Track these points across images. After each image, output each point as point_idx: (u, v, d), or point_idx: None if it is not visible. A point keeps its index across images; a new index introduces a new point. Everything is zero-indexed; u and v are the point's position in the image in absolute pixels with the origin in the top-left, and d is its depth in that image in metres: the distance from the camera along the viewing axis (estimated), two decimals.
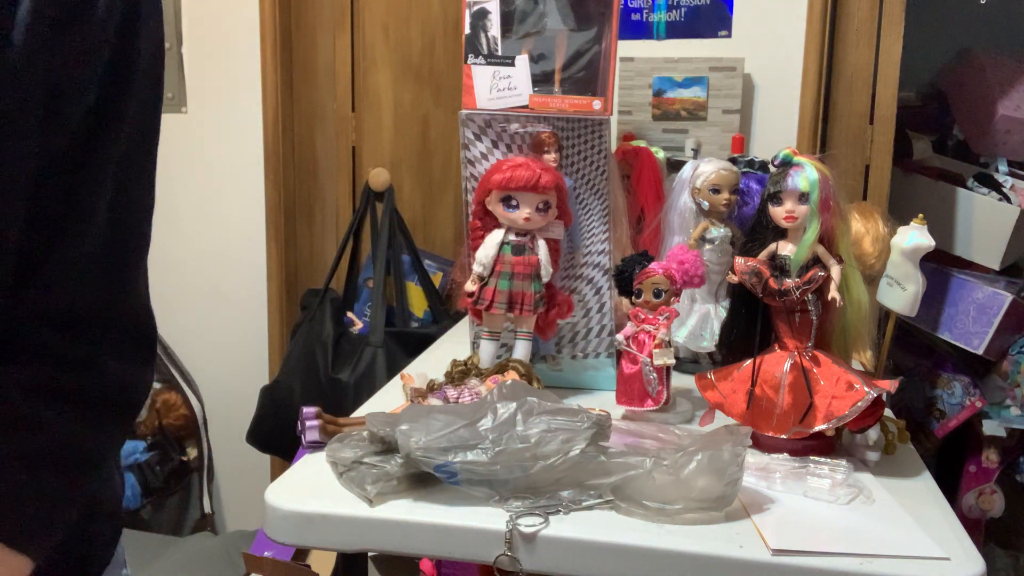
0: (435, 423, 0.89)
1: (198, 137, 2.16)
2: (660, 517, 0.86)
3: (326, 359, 1.93)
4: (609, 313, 1.29)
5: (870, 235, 1.43)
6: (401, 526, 0.87)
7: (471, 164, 1.24)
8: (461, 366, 1.19)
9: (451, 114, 2.05)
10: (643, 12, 1.82)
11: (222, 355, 2.22)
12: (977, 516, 1.93)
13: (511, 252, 1.20)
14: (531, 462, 0.86)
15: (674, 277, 1.14)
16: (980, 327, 1.74)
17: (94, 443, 0.69)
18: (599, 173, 1.25)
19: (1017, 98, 1.90)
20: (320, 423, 1.03)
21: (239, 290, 2.20)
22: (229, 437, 2.21)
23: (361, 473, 0.90)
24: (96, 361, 0.69)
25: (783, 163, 1.05)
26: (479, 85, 1.22)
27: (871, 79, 1.78)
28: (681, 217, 1.39)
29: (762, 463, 0.99)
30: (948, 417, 1.87)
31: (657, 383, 1.12)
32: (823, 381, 1.03)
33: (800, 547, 0.82)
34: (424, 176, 2.13)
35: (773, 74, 1.78)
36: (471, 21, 1.22)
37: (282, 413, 1.92)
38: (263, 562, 1.49)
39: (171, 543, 1.98)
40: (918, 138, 2.01)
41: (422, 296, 2.07)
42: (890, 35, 1.75)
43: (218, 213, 2.18)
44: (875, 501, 0.93)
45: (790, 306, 1.06)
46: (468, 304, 1.24)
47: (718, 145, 1.71)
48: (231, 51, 2.11)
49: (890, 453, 1.06)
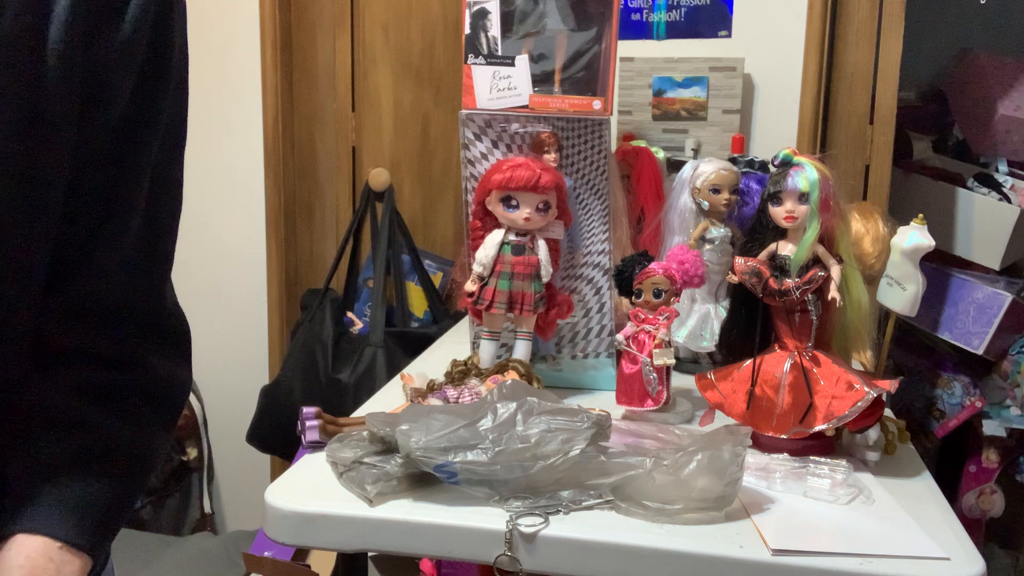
0: (435, 423, 0.89)
1: (198, 137, 2.13)
2: (660, 517, 0.86)
3: (326, 359, 1.93)
4: (609, 313, 1.29)
5: (870, 235, 1.43)
6: (401, 526, 0.87)
7: (471, 164, 1.24)
8: (461, 366, 1.19)
9: (451, 114, 2.05)
10: (643, 12, 1.82)
11: (222, 355, 2.21)
12: (977, 516, 1.93)
13: (511, 252, 1.20)
14: (531, 462, 0.86)
15: (674, 277, 1.14)
16: (980, 327, 1.74)
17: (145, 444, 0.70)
18: (599, 173, 1.25)
19: (1017, 98, 1.90)
20: (320, 423, 1.03)
21: (239, 290, 2.20)
22: (229, 437, 2.21)
23: (361, 473, 0.90)
24: (141, 360, 0.69)
25: (783, 163, 1.05)
26: (479, 85, 1.22)
27: (871, 79, 1.78)
28: (681, 217, 1.39)
29: (762, 463, 0.99)
30: (948, 417, 1.87)
31: (657, 383, 1.12)
32: (823, 381, 1.03)
33: (800, 547, 0.82)
34: (424, 176, 2.13)
35: (773, 74, 1.78)
36: (471, 21, 1.22)
37: (282, 413, 1.92)
38: (263, 562, 1.49)
39: (171, 543, 1.98)
40: (918, 138, 2.01)
41: (422, 296, 2.07)
42: (890, 35, 1.75)
43: (218, 213, 2.18)
44: (875, 501, 0.93)
45: (790, 306, 1.06)
46: (468, 304, 1.24)
47: (718, 145, 1.71)
48: (231, 51, 2.11)
49: (890, 453, 1.06)
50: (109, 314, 0.67)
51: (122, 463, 0.67)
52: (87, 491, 0.65)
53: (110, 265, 0.66)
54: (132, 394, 0.69)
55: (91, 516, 0.64)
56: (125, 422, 0.68)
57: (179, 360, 0.73)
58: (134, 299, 0.68)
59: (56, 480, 0.64)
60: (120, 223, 0.66)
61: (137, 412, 0.69)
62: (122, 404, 0.68)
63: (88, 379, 0.66)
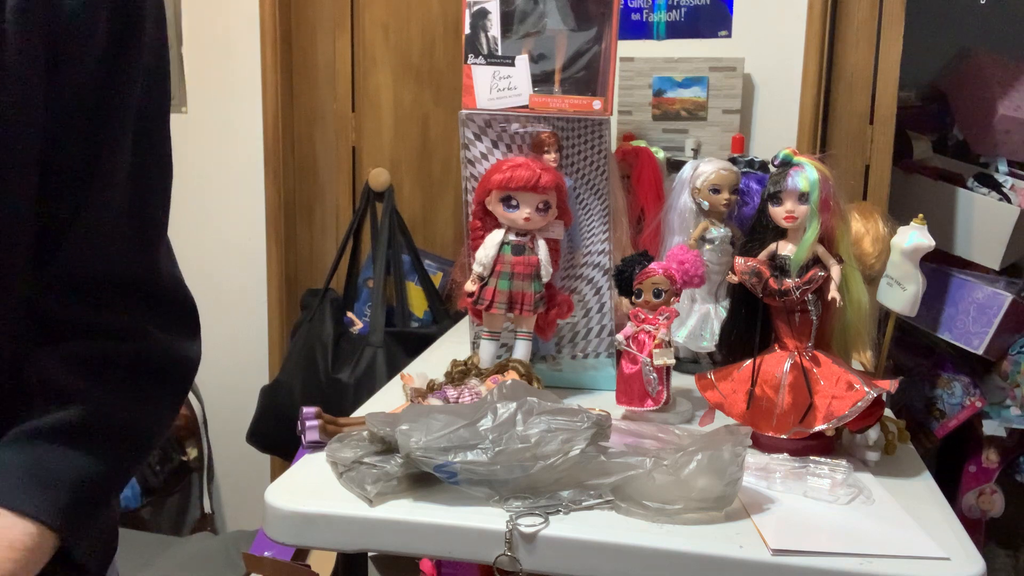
0: (435, 423, 0.89)
1: (198, 137, 2.16)
2: (660, 517, 0.86)
3: (326, 359, 1.93)
4: (609, 313, 1.29)
5: (870, 235, 1.43)
6: (401, 526, 0.87)
7: (471, 164, 1.24)
8: (461, 366, 1.19)
9: (451, 114, 2.05)
10: (643, 12, 1.82)
11: (222, 355, 2.21)
12: (977, 516, 1.93)
13: (511, 252, 1.20)
14: (531, 462, 0.86)
15: (674, 277, 1.14)
16: (980, 327, 1.74)
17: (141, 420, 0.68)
18: (599, 173, 1.25)
19: (1017, 98, 1.90)
20: (320, 423, 1.03)
21: (239, 290, 2.20)
22: (229, 437, 2.21)
23: (361, 473, 0.90)
24: (141, 331, 0.68)
25: (783, 163, 1.05)
26: (479, 85, 1.22)
27: (871, 79, 1.78)
28: (681, 217, 1.39)
29: (762, 463, 0.99)
30: (948, 417, 1.87)
31: (657, 383, 1.12)
32: (823, 381, 1.03)
33: (800, 547, 0.82)
34: (424, 176, 2.13)
35: (773, 74, 1.78)
36: (471, 21, 1.22)
37: (282, 413, 1.92)
38: (263, 562, 1.49)
39: (171, 543, 1.98)
40: (918, 138, 2.01)
41: (422, 296, 2.07)
42: (890, 35, 1.75)
43: (218, 213, 2.18)
44: (875, 501, 0.93)
45: (790, 306, 1.06)
46: (468, 304, 1.24)
47: (718, 145, 1.71)
48: (231, 51, 2.11)
49: (890, 453, 1.06)
50: (102, 283, 0.66)
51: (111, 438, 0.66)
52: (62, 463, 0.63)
53: (97, 229, 0.65)
54: (131, 367, 0.67)
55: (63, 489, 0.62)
56: (120, 396, 0.66)
57: (184, 335, 0.72)
58: (125, 266, 0.67)
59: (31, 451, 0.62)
60: (103, 184, 0.65)
61: (136, 386, 0.67)
62: (119, 377, 0.66)
63: (82, 350, 0.65)
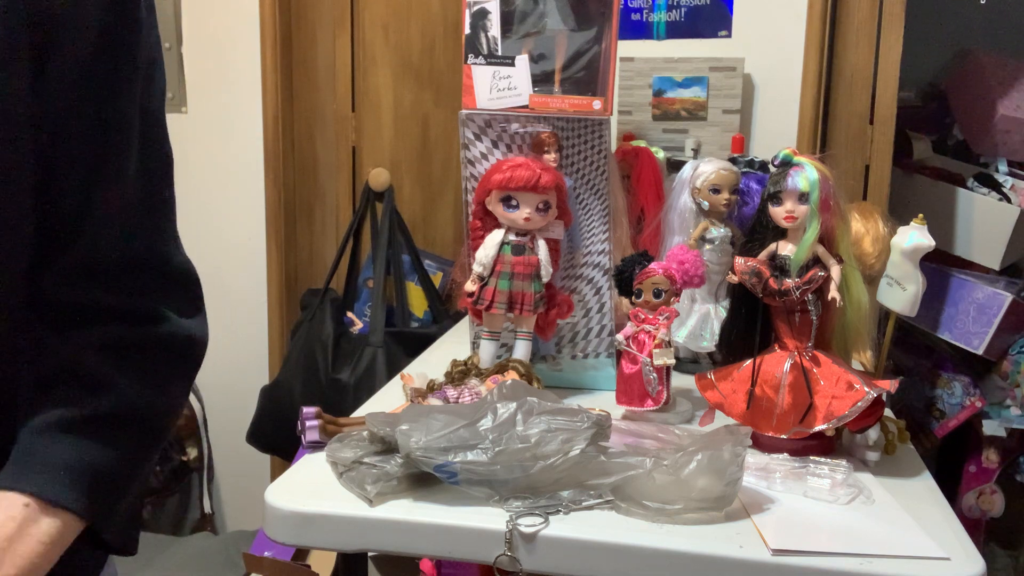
0: (435, 423, 0.89)
1: (198, 137, 2.16)
2: (660, 517, 0.86)
3: (326, 359, 1.93)
4: (609, 313, 1.29)
5: (870, 235, 1.43)
6: (401, 526, 0.87)
7: (471, 164, 1.24)
8: (461, 366, 1.19)
9: (451, 114, 2.05)
10: (643, 12, 1.82)
11: (222, 355, 2.21)
12: (977, 516, 1.93)
13: (511, 252, 1.20)
14: (531, 462, 0.86)
15: (674, 277, 1.14)
16: (980, 327, 1.74)
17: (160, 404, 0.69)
18: (599, 173, 1.25)
19: (1017, 98, 1.90)
20: (320, 423, 1.03)
21: (239, 290, 2.19)
22: (229, 437, 2.21)
23: (361, 473, 0.90)
24: (158, 314, 0.68)
25: (783, 163, 1.05)
26: (479, 85, 1.22)
27: (871, 79, 1.78)
28: (681, 217, 1.39)
29: (762, 463, 0.99)
30: (948, 417, 1.87)
31: (657, 383, 1.12)
32: (823, 381, 1.03)
33: (800, 547, 0.82)
34: (424, 176, 2.13)
35: (773, 74, 1.78)
36: (471, 21, 1.22)
37: (282, 413, 1.92)
38: (263, 562, 1.49)
39: (171, 543, 1.98)
40: (918, 138, 2.01)
41: (422, 296, 2.07)
42: (890, 35, 1.75)
43: (218, 213, 2.18)
44: (875, 501, 0.93)
45: (790, 306, 1.06)
46: (468, 304, 1.24)
47: (718, 145, 1.71)
48: (231, 51, 2.11)
49: (890, 453, 1.06)
50: (119, 266, 0.66)
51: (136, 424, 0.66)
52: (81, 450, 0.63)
53: (112, 212, 0.65)
54: (152, 349, 0.68)
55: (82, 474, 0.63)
56: (143, 382, 0.67)
57: (194, 312, 0.73)
58: (141, 248, 0.68)
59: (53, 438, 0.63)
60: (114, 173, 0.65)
61: (157, 368, 0.68)
62: (142, 360, 0.67)
63: (107, 336, 0.66)
